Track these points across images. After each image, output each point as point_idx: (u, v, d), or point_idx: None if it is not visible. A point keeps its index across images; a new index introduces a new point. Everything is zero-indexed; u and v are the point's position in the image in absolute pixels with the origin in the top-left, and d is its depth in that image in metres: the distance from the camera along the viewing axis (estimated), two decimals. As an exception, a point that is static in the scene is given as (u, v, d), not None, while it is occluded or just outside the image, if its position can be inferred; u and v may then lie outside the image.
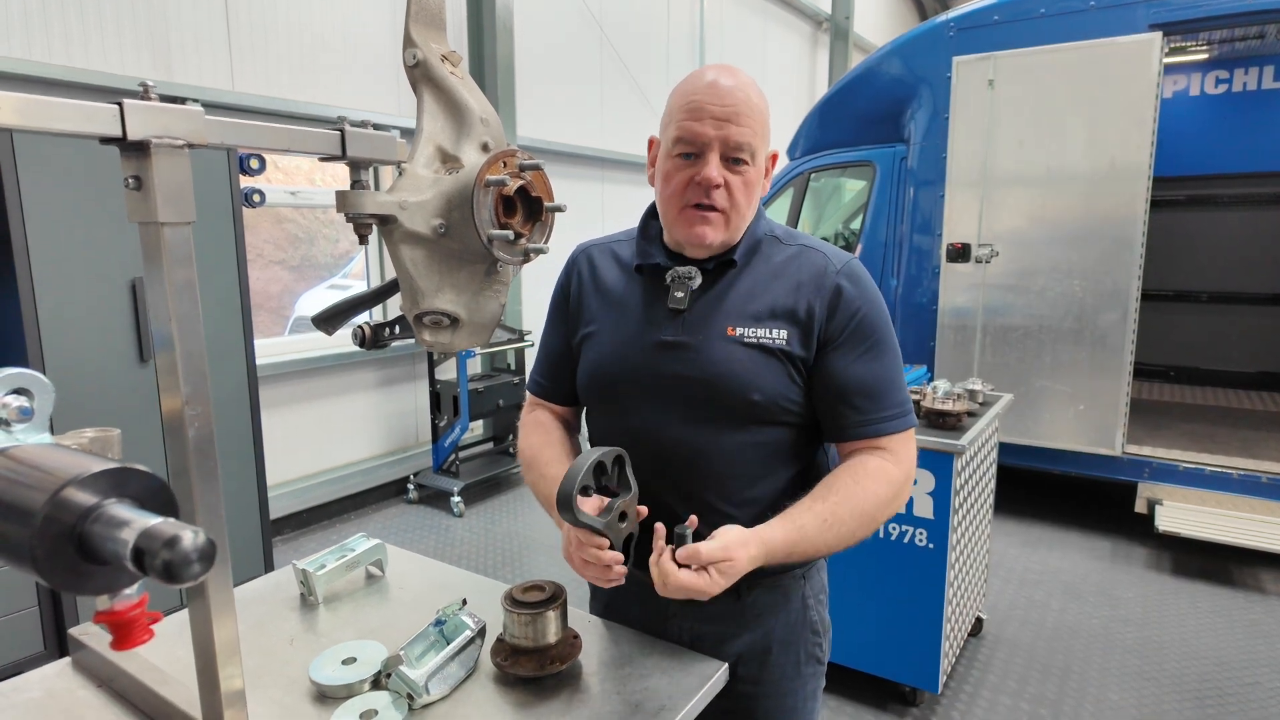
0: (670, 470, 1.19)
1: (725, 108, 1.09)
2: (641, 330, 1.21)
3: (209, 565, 0.43)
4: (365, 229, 1.05)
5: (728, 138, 1.10)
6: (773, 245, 1.23)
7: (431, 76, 1.16)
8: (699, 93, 1.11)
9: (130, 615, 0.58)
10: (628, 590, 1.28)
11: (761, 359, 1.15)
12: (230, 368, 3.26)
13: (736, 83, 1.12)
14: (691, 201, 1.13)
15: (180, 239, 0.82)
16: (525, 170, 1.13)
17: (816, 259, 1.19)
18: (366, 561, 1.43)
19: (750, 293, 1.18)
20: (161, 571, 0.42)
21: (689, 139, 1.11)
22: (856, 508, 1.11)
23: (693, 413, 1.17)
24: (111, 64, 3.41)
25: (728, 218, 1.14)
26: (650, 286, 1.23)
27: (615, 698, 1.06)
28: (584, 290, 1.31)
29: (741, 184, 1.13)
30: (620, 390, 1.23)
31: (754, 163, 1.14)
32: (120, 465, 0.48)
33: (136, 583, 0.48)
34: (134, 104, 0.77)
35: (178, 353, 0.83)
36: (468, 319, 1.19)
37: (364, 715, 1.01)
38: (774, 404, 1.15)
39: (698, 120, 1.10)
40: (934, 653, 2.48)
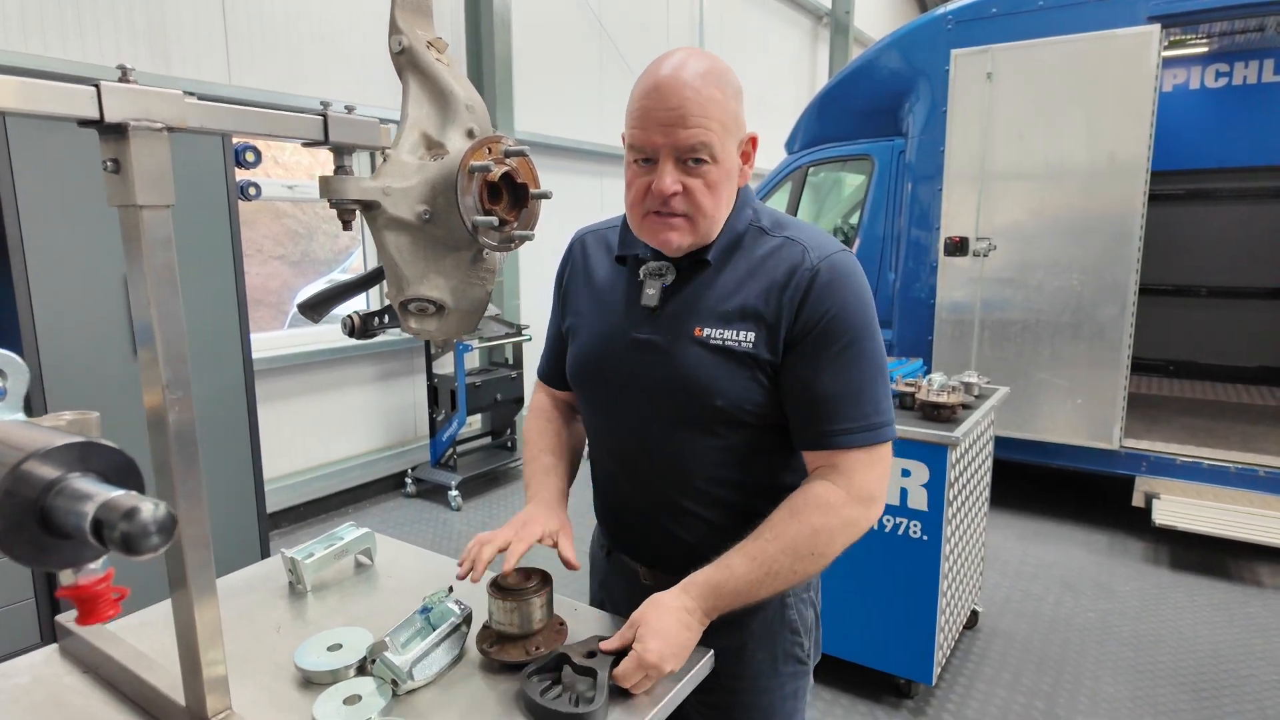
0: (641, 468, 1.19)
1: (671, 111, 1.02)
2: (619, 326, 1.19)
3: (168, 538, 0.43)
4: (349, 215, 1.05)
5: (678, 142, 1.03)
6: (755, 238, 1.15)
7: (417, 63, 1.16)
8: (646, 96, 1.05)
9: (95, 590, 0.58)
10: (618, 579, 1.32)
11: (724, 362, 1.09)
12: (226, 361, 3.26)
13: (687, 77, 1.03)
14: (652, 209, 1.08)
15: (159, 222, 0.82)
16: (510, 156, 1.13)
17: (794, 252, 1.10)
18: (355, 550, 1.43)
19: (723, 291, 1.12)
20: (120, 543, 0.42)
21: (640, 147, 1.07)
22: (789, 544, 1.05)
23: (661, 414, 1.14)
24: (108, 57, 3.41)
25: (692, 221, 1.08)
26: (630, 280, 1.21)
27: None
28: (575, 277, 1.30)
29: (703, 185, 1.06)
30: (596, 385, 1.23)
31: (717, 159, 1.06)
32: (85, 440, 0.48)
33: (101, 558, 0.48)
34: (112, 86, 0.77)
35: (157, 337, 0.83)
36: (454, 306, 1.19)
37: (348, 701, 1.01)
38: (738, 409, 1.10)
39: (644, 128, 1.05)
40: (928, 645, 2.49)
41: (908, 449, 2.42)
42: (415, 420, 5.18)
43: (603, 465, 1.30)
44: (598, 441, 1.30)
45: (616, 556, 1.31)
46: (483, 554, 1.12)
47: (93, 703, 1.05)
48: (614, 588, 1.34)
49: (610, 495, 1.30)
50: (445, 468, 4.73)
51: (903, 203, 4.55)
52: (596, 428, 1.28)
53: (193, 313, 3.07)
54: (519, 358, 5.14)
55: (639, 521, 1.24)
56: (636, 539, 1.26)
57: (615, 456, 1.25)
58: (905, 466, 2.43)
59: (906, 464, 2.43)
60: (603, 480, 1.32)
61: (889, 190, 4.67)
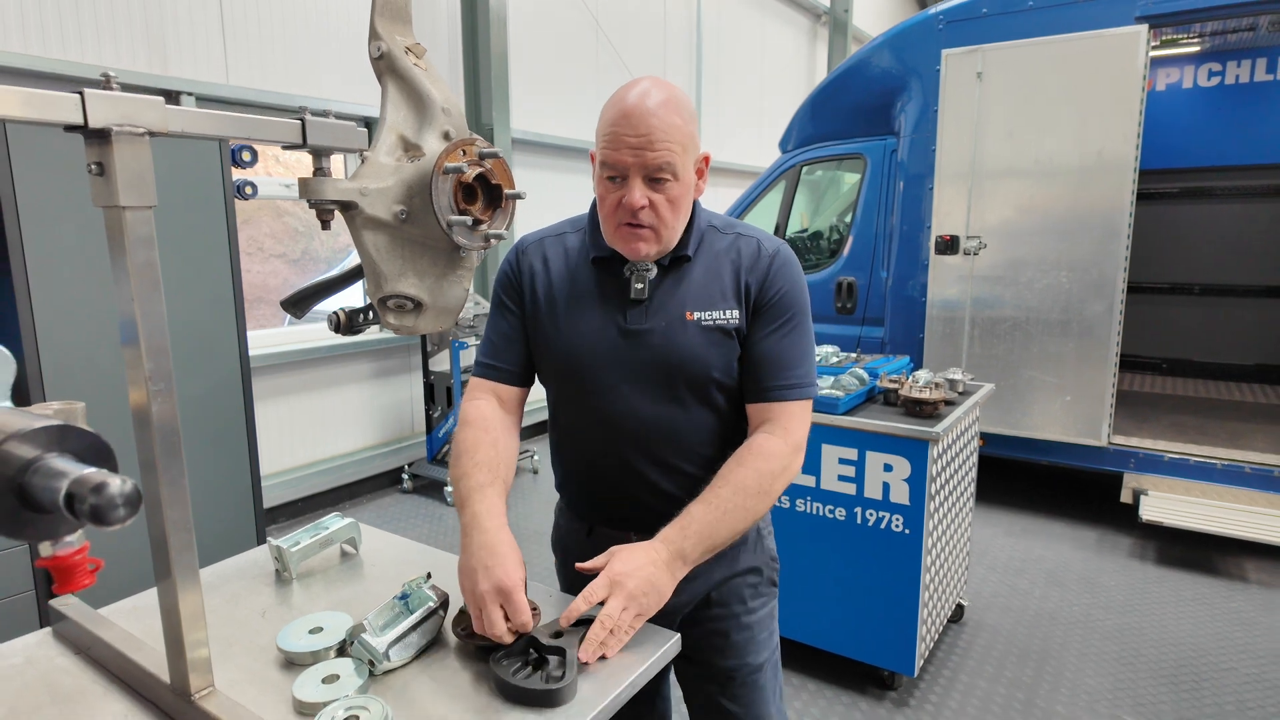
0: (642, 444, 1.31)
1: (640, 136, 1.16)
2: (606, 319, 1.30)
3: (134, 510, 0.47)
4: (327, 214, 1.10)
5: (645, 163, 1.18)
6: (713, 235, 1.35)
7: (395, 68, 1.20)
8: (615, 122, 1.18)
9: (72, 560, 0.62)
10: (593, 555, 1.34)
11: (718, 338, 1.28)
12: (223, 358, 3.30)
13: (651, 105, 1.17)
14: (623, 221, 1.22)
15: (141, 221, 0.86)
16: (485, 158, 1.18)
17: (751, 244, 1.33)
18: (340, 540, 1.48)
19: (701, 281, 1.30)
20: (89, 515, 0.46)
21: (611, 165, 1.20)
22: (739, 486, 1.22)
23: (660, 391, 1.29)
24: (107, 59, 3.45)
25: (657, 232, 1.23)
26: (608, 278, 1.32)
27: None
28: (538, 282, 1.37)
29: (665, 200, 1.21)
30: (588, 375, 1.31)
31: (678, 177, 1.21)
32: (61, 424, 0.52)
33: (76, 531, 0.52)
34: (95, 93, 0.81)
35: (140, 332, 0.87)
36: (431, 303, 1.23)
37: (327, 680, 1.06)
38: (730, 377, 1.31)
39: (616, 150, 1.18)
40: (910, 637, 2.53)
41: (889, 444, 2.46)
42: (412, 417, 5.23)
43: (588, 448, 1.38)
44: (583, 425, 1.37)
45: (600, 532, 1.39)
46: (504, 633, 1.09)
47: (83, 681, 1.10)
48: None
49: (597, 474, 1.38)
50: (441, 464, 4.78)
51: (895, 201, 4.58)
52: (583, 412, 1.35)
53: (189, 310, 3.12)
54: (515, 355, 5.18)
55: (634, 492, 1.34)
56: (627, 510, 1.36)
57: (608, 436, 1.33)
58: (887, 461, 2.47)
59: (888, 459, 2.47)
60: (585, 461, 1.40)
61: (881, 189, 4.70)
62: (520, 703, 1.02)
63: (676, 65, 7.56)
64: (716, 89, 8.16)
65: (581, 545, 1.42)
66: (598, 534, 1.39)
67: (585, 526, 1.42)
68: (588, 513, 1.43)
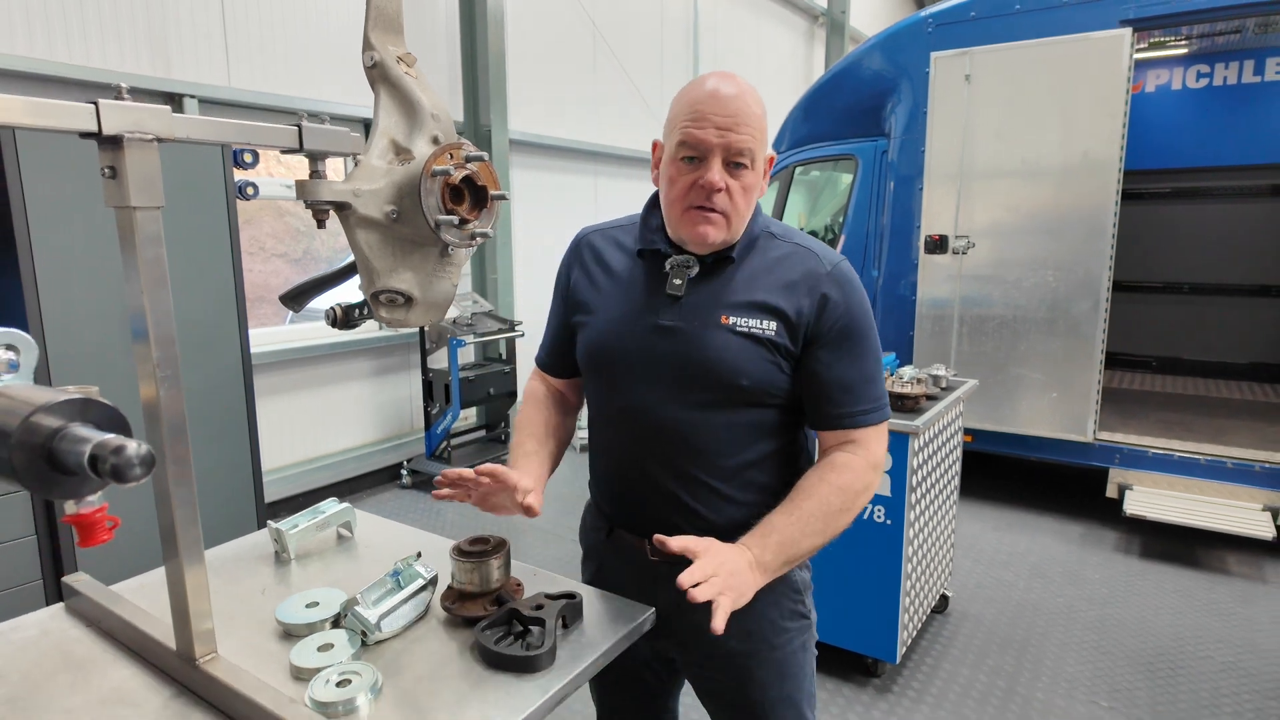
0: (659, 445, 1.27)
1: (728, 116, 1.16)
2: (640, 313, 1.28)
3: (149, 469, 0.55)
4: (322, 214, 1.17)
5: (730, 144, 1.17)
6: (768, 241, 1.30)
7: (388, 76, 1.27)
8: (703, 101, 1.18)
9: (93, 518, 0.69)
10: (618, 557, 1.38)
11: (751, 347, 1.22)
12: (225, 355, 3.38)
13: (738, 91, 1.19)
14: (695, 203, 1.20)
15: (150, 221, 0.93)
16: (470, 161, 1.25)
17: (809, 259, 1.27)
18: (336, 523, 1.56)
19: (744, 285, 1.26)
20: (111, 474, 0.53)
21: (693, 144, 1.18)
22: (822, 502, 1.21)
23: (683, 394, 1.25)
24: (111, 62, 3.53)
25: (728, 218, 1.21)
26: (651, 272, 1.30)
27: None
28: (586, 273, 1.38)
29: (740, 188, 1.20)
30: (617, 368, 1.30)
31: (753, 167, 1.21)
32: (83, 397, 0.59)
33: (98, 491, 0.60)
34: (108, 103, 0.89)
35: (149, 323, 0.95)
36: (421, 298, 1.30)
37: (322, 648, 1.13)
38: (760, 388, 1.24)
39: (701, 128, 1.17)
40: (892, 625, 2.60)
41: (872, 437, 2.53)
42: (411, 414, 5.30)
43: (613, 444, 1.36)
44: (609, 422, 1.36)
45: (618, 535, 1.37)
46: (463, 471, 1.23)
47: (94, 650, 1.17)
48: (615, 568, 1.39)
49: (619, 473, 1.36)
50: (440, 460, 4.85)
51: (886, 201, 4.66)
52: (609, 408, 1.35)
53: (193, 308, 3.20)
54: (512, 353, 5.26)
55: (650, 496, 1.30)
56: (645, 515, 1.31)
57: (630, 435, 1.31)
58: (870, 454, 2.54)
59: (871, 451, 2.54)
60: (611, 459, 1.38)
61: (872, 189, 4.78)
62: (501, 668, 1.10)
63: (673, 67, 7.64)
64: (714, 90, 8.24)
65: (600, 546, 1.41)
66: (617, 536, 1.37)
67: (606, 527, 1.40)
68: (609, 511, 1.40)
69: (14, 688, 1.07)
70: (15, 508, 2.67)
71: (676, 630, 1.31)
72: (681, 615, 1.24)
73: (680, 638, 1.34)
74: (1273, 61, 5.08)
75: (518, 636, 1.15)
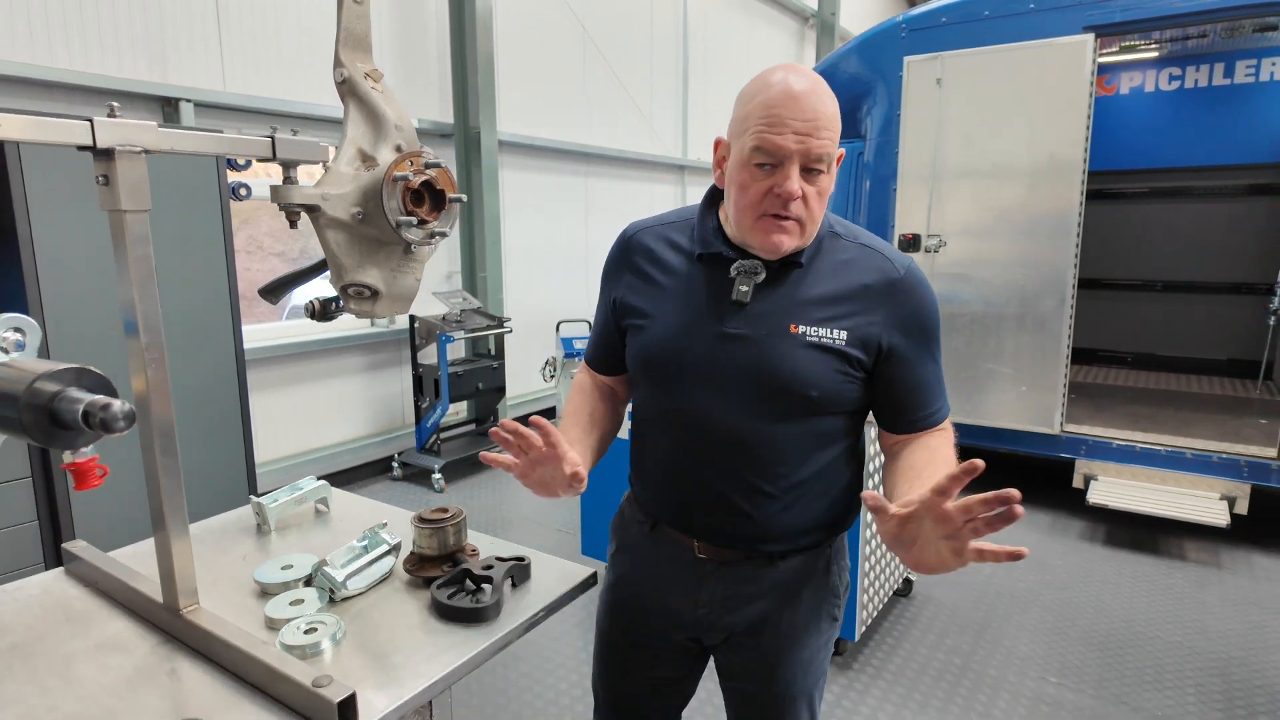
0: (717, 451, 1.24)
1: (807, 121, 1.08)
2: (703, 320, 1.23)
3: (131, 423, 0.68)
4: (295, 215, 1.31)
5: (809, 150, 1.09)
6: (833, 242, 1.24)
7: (355, 91, 1.41)
8: (778, 104, 1.09)
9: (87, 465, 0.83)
10: (660, 551, 1.35)
11: (821, 357, 1.18)
12: (219, 350, 3.52)
13: (812, 88, 1.10)
14: (769, 211, 1.13)
15: (139, 223, 1.07)
16: (430, 168, 1.39)
17: (880, 262, 1.22)
18: (313, 499, 1.69)
19: (813, 291, 1.20)
20: (100, 426, 0.67)
21: (769, 150, 1.10)
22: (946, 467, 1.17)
23: (747, 403, 1.20)
24: (109, 67, 3.67)
25: (803, 226, 1.15)
26: (712, 276, 1.24)
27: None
28: (639, 274, 1.32)
29: (817, 193, 1.14)
30: (677, 375, 1.25)
31: (829, 171, 1.15)
32: (78, 366, 0.73)
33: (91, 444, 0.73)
34: (102, 120, 1.02)
35: (138, 312, 1.08)
36: (386, 291, 1.44)
37: (293, 603, 1.27)
38: (828, 399, 1.20)
39: (779, 134, 1.09)
40: (851, 604, 2.73)
41: (831, 426, 2.67)
42: (403, 408, 5.44)
43: (662, 443, 1.32)
44: (658, 421, 1.32)
45: (663, 531, 1.34)
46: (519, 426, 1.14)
47: (91, 606, 1.31)
48: (656, 561, 1.36)
49: (668, 472, 1.31)
50: (430, 452, 4.99)
51: (862, 202, 4.79)
52: (662, 411, 1.30)
53: (187, 305, 3.34)
54: (500, 349, 5.39)
55: (702, 498, 1.27)
56: (694, 515, 1.29)
57: (684, 437, 1.26)
58: (829, 442, 2.68)
59: (830, 439, 2.67)
60: (658, 458, 1.33)
61: (849, 190, 4.91)
62: (453, 620, 1.24)
63: (663, 67, 7.77)
64: (703, 91, 8.37)
65: (641, 540, 1.38)
66: (660, 531, 1.34)
67: (650, 521, 1.36)
68: (654, 509, 1.35)
69: (18, 637, 1.21)
70: (19, 492, 2.82)
71: (717, 626, 1.32)
72: (726, 611, 1.29)
73: (721, 633, 1.33)
74: (1242, 64, 5.22)
75: (470, 593, 1.29)
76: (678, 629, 1.36)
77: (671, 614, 1.34)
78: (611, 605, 1.44)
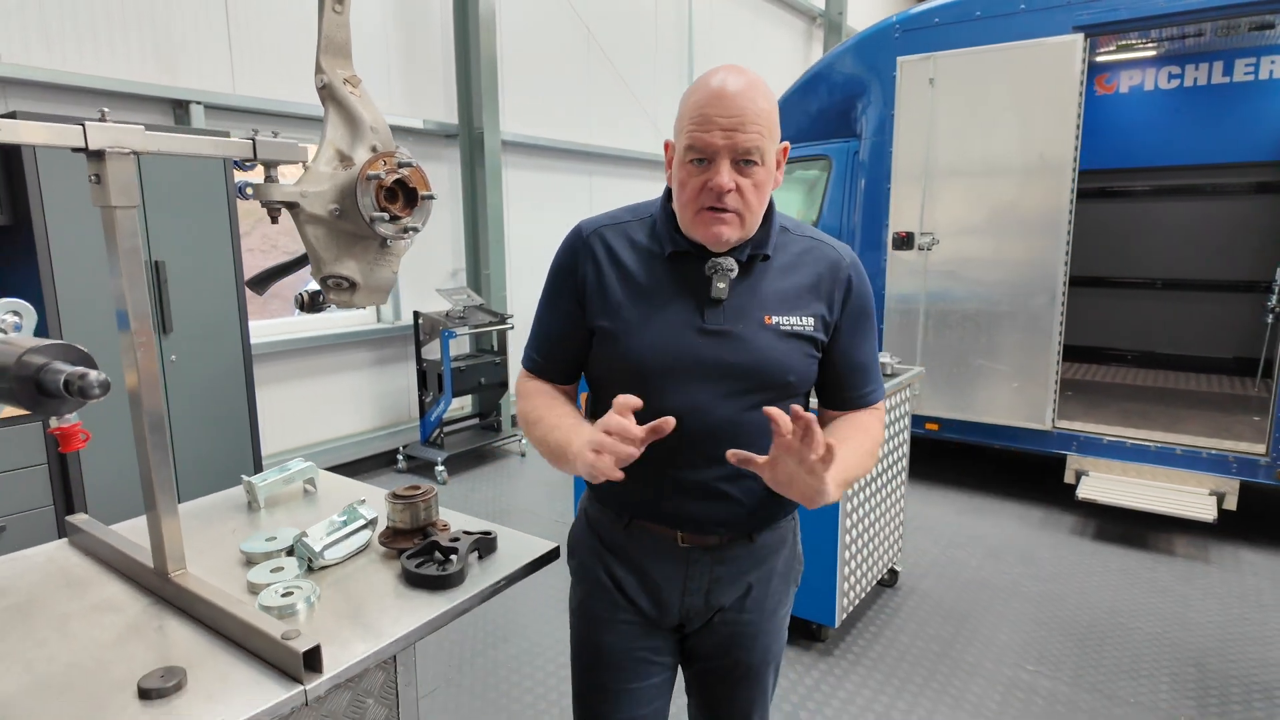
0: (703, 445, 1.26)
1: (731, 117, 1.15)
2: (681, 318, 1.27)
3: (106, 390, 0.78)
4: (275, 212, 1.41)
5: (736, 145, 1.16)
6: (785, 237, 1.33)
7: (335, 96, 1.51)
8: (707, 104, 1.17)
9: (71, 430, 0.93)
10: (641, 548, 1.37)
11: (794, 344, 1.27)
12: (226, 345, 3.65)
13: (742, 87, 1.17)
14: (706, 205, 1.20)
15: (128, 218, 1.17)
16: (402, 167, 1.48)
17: (829, 252, 1.34)
18: (300, 479, 1.80)
19: (778, 284, 1.29)
20: (79, 393, 0.76)
21: (700, 147, 1.18)
22: (862, 443, 1.30)
23: (732, 394, 1.26)
24: (119, 70, 3.80)
25: (741, 217, 1.21)
26: (683, 274, 1.29)
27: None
28: (603, 273, 1.32)
29: (752, 185, 1.20)
30: (662, 375, 1.26)
31: (764, 163, 1.20)
32: (62, 342, 0.83)
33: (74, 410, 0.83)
34: (93, 124, 1.13)
35: (127, 299, 1.19)
36: (363, 283, 1.54)
37: (274, 570, 1.37)
38: (802, 382, 1.30)
39: (707, 131, 1.16)
40: (830, 591, 2.81)
41: (811, 418, 2.74)
42: (409, 402, 5.57)
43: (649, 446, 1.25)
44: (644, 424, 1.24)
45: (639, 527, 1.35)
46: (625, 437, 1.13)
47: (90, 573, 1.42)
48: (641, 558, 1.37)
49: (651, 471, 1.27)
50: (433, 445, 5.11)
51: (857, 200, 4.85)
52: (647, 410, 1.22)
53: (196, 301, 3.47)
54: (503, 344, 5.50)
55: (688, 489, 1.29)
56: (677, 506, 1.31)
57: (669, 436, 1.18)
58: (809, 433, 2.75)
59: (810, 431, 2.75)
60: (642, 458, 1.22)
61: (845, 189, 4.97)
62: (419, 587, 1.33)
63: (667, 68, 7.85)
64: (709, 91, 8.43)
65: (615, 536, 1.38)
66: (636, 527, 1.36)
67: (625, 518, 1.37)
68: (630, 506, 1.36)
69: (19, 597, 1.32)
70: (36, 477, 2.96)
71: (704, 609, 1.37)
72: (713, 594, 1.35)
73: (706, 616, 1.38)
74: (1241, 63, 5.23)
75: (438, 563, 1.38)
76: (665, 619, 1.38)
77: (659, 606, 1.37)
78: (587, 622, 1.42)
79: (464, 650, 3.00)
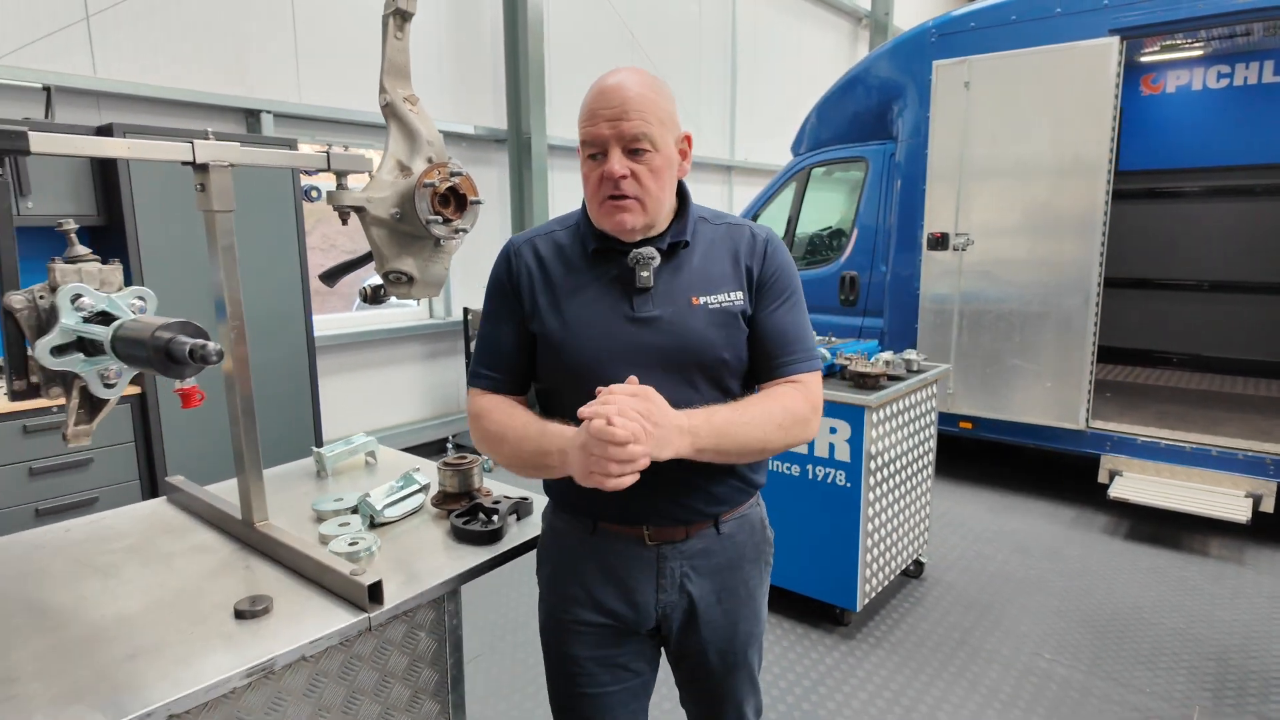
0: None
1: (613, 108, 1.24)
2: (612, 310, 1.32)
3: (221, 358, 0.99)
4: (345, 215, 1.62)
5: (622, 133, 1.24)
6: (704, 225, 1.40)
7: (396, 113, 1.72)
8: (593, 100, 1.28)
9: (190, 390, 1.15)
10: (606, 550, 1.39)
11: (724, 320, 1.32)
12: (292, 337, 3.94)
13: (623, 81, 1.26)
14: (606, 195, 1.27)
15: (225, 219, 1.40)
16: (454, 176, 1.69)
17: (744, 231, 1.40)
18: (363, 451, 2.02)
19: (700, 266, 1.35)
20: (200, 359, 0.97)
21: (591, 141, 1.28)
22: (764, 410, 1.28)
23: (672, 377, 1.29)
24: (198, 82, 4.13)
25: (642, 203, 1.27)
26: (608, 269, 1.34)
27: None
28: (535, 282, 1.38)
29: (648, 171, 1.26)
30: (601, 368, 1.28)
31: (657, 149, 1.26)
32: (183, 320, 1.05)
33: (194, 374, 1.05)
34: (201, 143, 1.35)
35: (224, 289, 1.41)
36: (420, 278, 1.75)
37: (341, 525, 1.58)
38: (737, 357, 1.33)
39: (594, 124, 1.26)
40: (852, 575, 2.94)
41: (835, 410, 2.88)
42: (458, 394, 5.84)
43: None
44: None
45: (604, 530, 1.37)
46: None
47: (186, 523, 1.66)
48: (610, 561, 1.38)
49: None
50: (480, 436, 5.36)
51: (893, 202, 4.94)
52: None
53: (263, 296, 3.76)
54: (548, 340, 5.73)
55: (644, 483, 1.19)
56: (637, 502, 1.30)
57: None
58: (832, 424, 2.89)
59: (833, 422, 2.89)
60: None
61: (881, 190, 5.06)
62: (465, 541, 1.53)
63: (711, 71, 8.00)
64: (751, 93, 8.56)
65: (584, 543, 1.40)
66: (602, 532, 1.38)
67: (589, 524, 1.39)
68: (592, 509, 1.37)
69: (133, 540, 1.56)
70: (124, 456, 3.27)
71: (679, 606, 1.38)
72: (685, 589, 1.37)
73: (682, 613, 1.39)
74: (1293, 61, 5.14)
75: (481, 522, 1.58)
76: (642, 622, 1.39)
77: (634, 608, 1.38)
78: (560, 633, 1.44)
79: (507, 622, 3.22)
